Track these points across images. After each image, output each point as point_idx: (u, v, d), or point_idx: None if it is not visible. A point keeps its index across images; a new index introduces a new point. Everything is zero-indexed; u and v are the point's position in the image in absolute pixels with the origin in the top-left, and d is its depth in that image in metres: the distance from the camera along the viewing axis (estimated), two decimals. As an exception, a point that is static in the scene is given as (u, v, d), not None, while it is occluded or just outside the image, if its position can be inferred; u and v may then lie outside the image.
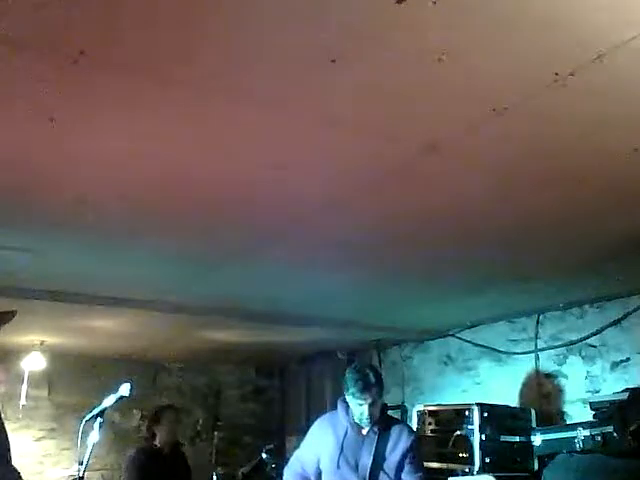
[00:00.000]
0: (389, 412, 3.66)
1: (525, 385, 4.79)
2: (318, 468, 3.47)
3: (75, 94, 1.93)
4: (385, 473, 3.32)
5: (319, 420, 3.65)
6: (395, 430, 3.43)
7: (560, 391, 4.55)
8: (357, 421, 3.41)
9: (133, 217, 2.99)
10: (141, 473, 4.77)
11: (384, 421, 3.45)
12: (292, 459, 3.69)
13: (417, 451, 3.47)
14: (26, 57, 1.74)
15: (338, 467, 3.35)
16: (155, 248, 3.45)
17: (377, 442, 3.37)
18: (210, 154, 2.36)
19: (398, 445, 3.37)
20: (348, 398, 3.41)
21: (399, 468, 3.33)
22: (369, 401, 3.33)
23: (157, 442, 4.93)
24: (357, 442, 3.40)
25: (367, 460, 3.33)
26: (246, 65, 1.79)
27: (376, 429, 3.40)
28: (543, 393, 4.65)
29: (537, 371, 4.72)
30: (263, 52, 1.73)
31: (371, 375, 3.38)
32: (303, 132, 2.18)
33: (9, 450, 2.36)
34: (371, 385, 3.34)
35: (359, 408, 3.36)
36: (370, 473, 3.31)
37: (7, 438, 2.37)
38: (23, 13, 1.57)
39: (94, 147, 2.29)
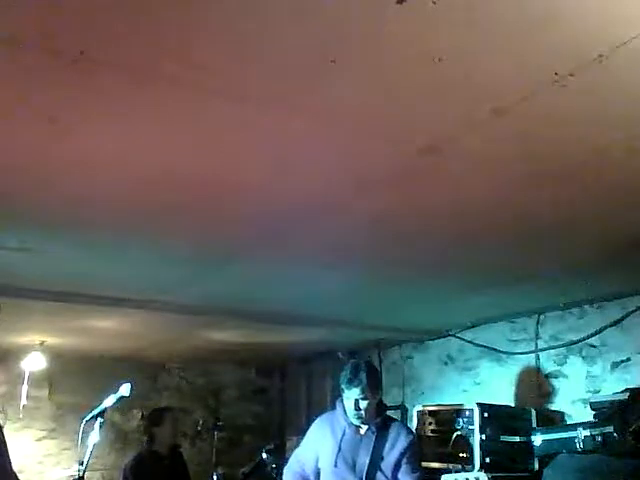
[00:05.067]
0: (388, 412, 3.67)
1: (525, 385, 4.79)
2: (317, 467, 3.48)
3: (75, 94, 1.93)
4: (382, 473, 3.32)
5: (318, 419, 3.66)
6: (393, 430, 3.43)
7: (560, 391, 4.55)
8: (354, 422, 3.40)
9: (133, 217, 2.99)
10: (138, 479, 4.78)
11: (382, 421, 3.45)
12: (292, 458, 3.70)
13: (415, 451, 3.47)
14: (26, 57, 1.74)
15: (336, 466, 3.36)
16: (155, 248, 3.45)
17: (375, 442, 3.37)
18: (210, 154, 2.36)
19: (396, 445, 3.37)
20: (343, 397, 3.42)
21: (396, 468, 3.33)
22: (355, 395, 3.32)
23: (156, 445, 4.93)
24: (355, 441, 3.40)
25: (364, 459, 3.34)
26: (246, 65, 1.79)
27: (374, 429, 3.40)
28: (543, 393, 4.65)
29: (537, 371, 4.72)
30: (263, 52, 1.73)
31: (362, 369, 3.38)
32: (303, 132, 2.18)
33: (7, 454, 2.32)
34: (361, 378, 3.33)
35: (348, 402, 3.36)
36: (367, 473, 3.31)
37: (4, 442, 2.33)
38: (23, 13, 1.57)
39: (94, 147, 2.29)
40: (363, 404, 3.35)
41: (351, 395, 3.35)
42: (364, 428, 3.43)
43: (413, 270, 3.80)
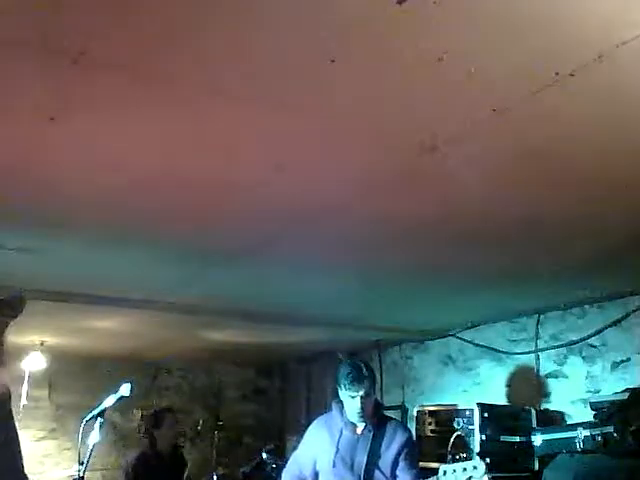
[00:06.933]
0: (388, 412, 3.68)
1: (525, 385, 4.79)
2: (315, 469, 3.49)
3: (75, 94, 1.93)
4: (380, 471, 3.33)
5: (315, 422, 3.68)
6: (389, 428, 3.45)
7: (560, 391, 4.55)
8: (350, 418, 3.41)
9: (133, 217, 2.99)
10: (140, 477, 4.80)
11: (379, 420, 3.46)
12: (289, 461, 3.71)
13: (412, 448, 3.49)
14: (26, 57, 1.74)
15: (334, 466, 3.37)
16: (155, 248, 3.45)
17: (372, 441, 3.38)
18: (210, 154, 2.36)
19: (393, 443, 3.39)
20: (341, 393, 3.43)
21: (394, 466, 3.35)
22: (361, 393, 3.34)
23: (157, 445, 4.96)
24: (352, 441, 3.41)
25: (362, 458, 3.35)
26: (246, 65, 1.79)
27: (371, 428, 3.42)
28: (543, 393, 4.65)
29: (537, 371, 4.72)
30: (263, 52, 1.73)
31: (363, 368, 3.41)
32: (303, 132, 2.18)
33: (19, 450, 2.36)
34: (363, 377, 3.36)
35: (351, 401, 3.37)
36: (365, 471, 3.32)
37: (17, 436, 2.37)
38: (23, 13, 1.57)
39: (94, 147, 2.29)
40: (366, 402, 3.37)
41: (352, 393, 3.36)
42: (361, 427, 3.44)
43: (413, 270, 3.80)
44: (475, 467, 3.04)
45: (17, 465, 2.34)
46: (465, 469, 3.04)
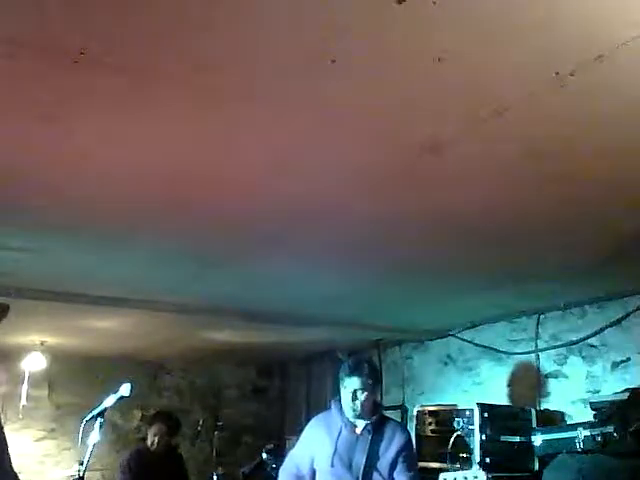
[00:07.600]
0: (388, 412, 3.67)
1: (525, 385, 4.79)
2: (312, 468, 3.48)
3: (75, 94, 1.93)
4: (378, 472, 3.32)
5: (313, 420, 3.66)
6: (389, 429, 3.43)
7: (560, 391, 4.55)
8: (346, 413, 3.40)
9: (133, 217, 2.99)
10: (133, 474, 4.87)
11: (378, 420, 3.45)
12: (287, 459, 3.70)
13: (410, 450, 3.48)
14: (26, 57, 1.74)
15: (332, 466, 3.36)
16: (155, 248, 3.45)
17: (371, 441, 3.37)
18: (210, 154, 2.36)
19: (392, 444, 3.38)
20: (341, 388, 3.42)
21: (392, 467, 3.34)
22: (360, 386, 3.33)
23: (148, 443, 5.10)
24: (351, 441, 3.40)
25: (361, 459, 3.33)
26: (246, 65, 1.79)
27: (370, 428, 3.40)
28: (543, 393, 4.65)
29: (537, 371, 4.72)
30: (263, 52, 1.73)
31: (364, 362, 3.42)
32: (303, 132, 2.18)
33: (7, 452, 2.39)
34: (362, 369, 3.36)
35: (348, 395, 3.36)
36: (364, 472, 3.31)
37: (4, 441, 2.40)
38: (23, 13, 1.57)
39: (94, 147, 2.29)
40: (361, 396, 3.35)
41: (350, 385, 3.35)
42: (360, 427, 3.43)
43: (413, 270, 3.80)
44: (476, 477, 3.05)
45: (5, 463, 2.37)
46: (466, 478, 3.05)
